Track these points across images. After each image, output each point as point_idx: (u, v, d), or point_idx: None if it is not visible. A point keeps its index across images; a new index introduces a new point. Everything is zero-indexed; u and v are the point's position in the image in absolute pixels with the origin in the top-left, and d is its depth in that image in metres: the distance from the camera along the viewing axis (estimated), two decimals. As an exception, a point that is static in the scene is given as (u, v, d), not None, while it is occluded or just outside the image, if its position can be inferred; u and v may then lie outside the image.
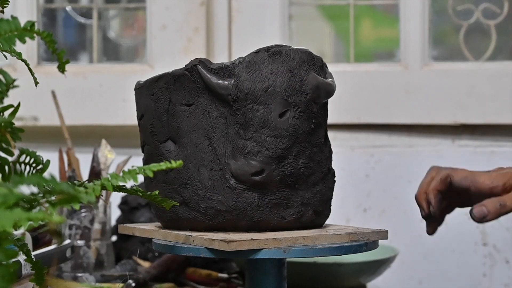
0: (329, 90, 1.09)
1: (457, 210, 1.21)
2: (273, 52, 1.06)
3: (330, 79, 1.10)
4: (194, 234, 1.04)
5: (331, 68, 1.14)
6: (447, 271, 1.86)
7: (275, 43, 1.09)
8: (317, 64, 1.09)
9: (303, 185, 1.07)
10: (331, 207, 1.13)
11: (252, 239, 0.99)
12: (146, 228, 1.13)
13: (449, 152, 1.90)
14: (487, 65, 1.94)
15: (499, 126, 1.90)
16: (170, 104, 1.09)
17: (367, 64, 2.01)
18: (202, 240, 1.02)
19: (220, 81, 1.05)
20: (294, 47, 1.07)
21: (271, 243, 0.99)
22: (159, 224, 1.16)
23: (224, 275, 1.44)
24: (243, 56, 1.06)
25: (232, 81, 1.05)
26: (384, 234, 1.08)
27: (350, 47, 2.00)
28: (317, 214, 1.10)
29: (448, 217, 1.22)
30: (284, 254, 1.00)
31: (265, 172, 1.04)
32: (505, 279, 1.86)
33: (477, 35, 1.98)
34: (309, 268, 1.39)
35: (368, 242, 1.06)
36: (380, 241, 1.10)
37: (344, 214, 1.89)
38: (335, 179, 1.13)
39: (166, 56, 1.95)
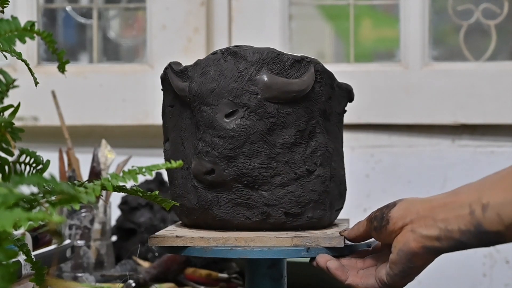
0: (289, 89, 1.03)
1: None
2: (229, 53, 1.04)
3: (303, 78, 1.04)
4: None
5: (331, 68, 1.13)
6: (447, 271, 1.86)
7: (275, 43, 1.08)
8: (284, 62, 1.04)
9: (266, 186, 1.04)
10: (328, 208, 1.12)
11: (200, 237, 1.01)
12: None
13: (449, 152, 1.90)
14: (487, 65, 1.93)
15: (499, 126, 1.90)
16: (163, 106, 1.13)
17: (367, 64, 2.01)
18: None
19: (180, 84, 1.07)
20: (257, 47, 1.04)
21: (198, 241, 1.01)
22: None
23: (224, 275, 1.44)
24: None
25: (187, 83, 1.06)
26: (384, 234, 1.08)
27: (350, 47, 2.00)
28: (291, 216, 1.06)
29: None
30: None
31: (215, 171, 1.03)
32: (505, 279, 1.86)
33: (477, 35, 1.98)
34: (309, 268, 1.39)
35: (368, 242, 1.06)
36: (380, 241, 1.10)
37: (344, 214, 1.89)
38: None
39: (166, 56, 1.95)
